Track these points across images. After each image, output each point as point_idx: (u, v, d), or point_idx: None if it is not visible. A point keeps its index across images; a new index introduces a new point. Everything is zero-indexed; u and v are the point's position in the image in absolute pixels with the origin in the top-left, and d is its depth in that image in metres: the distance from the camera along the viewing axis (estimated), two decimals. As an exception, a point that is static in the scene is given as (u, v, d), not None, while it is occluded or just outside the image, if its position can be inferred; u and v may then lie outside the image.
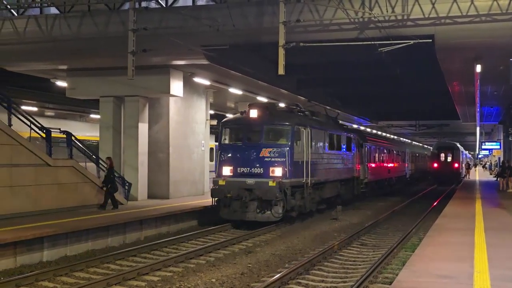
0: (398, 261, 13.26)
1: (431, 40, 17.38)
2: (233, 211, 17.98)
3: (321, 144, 21.76)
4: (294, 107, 21.78)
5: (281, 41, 16.66)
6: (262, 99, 28.64)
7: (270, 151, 18.10)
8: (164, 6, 19.22)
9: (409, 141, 61.07)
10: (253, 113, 18.34)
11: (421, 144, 72.71)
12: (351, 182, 26.74)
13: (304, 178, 19.27)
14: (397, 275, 9.74)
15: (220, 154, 19.08)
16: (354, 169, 26.86)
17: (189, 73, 23.38)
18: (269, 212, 17.81)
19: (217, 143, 23.95)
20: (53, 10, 20.67)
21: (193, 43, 18.69)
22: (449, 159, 48.57)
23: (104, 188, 18.71)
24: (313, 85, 30.99)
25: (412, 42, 17.14)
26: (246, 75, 24.00)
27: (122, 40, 17.30)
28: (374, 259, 13.69)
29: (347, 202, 25.95)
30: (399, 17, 17.02)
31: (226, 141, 19.33)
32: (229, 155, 18.77)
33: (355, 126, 43.42)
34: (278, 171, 17.90)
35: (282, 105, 24.91)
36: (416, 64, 24.86)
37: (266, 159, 18.10)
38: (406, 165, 46.72)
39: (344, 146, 25.34)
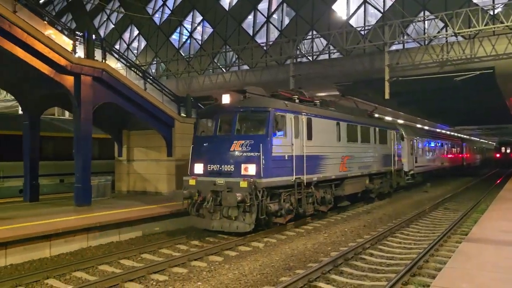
0: (471, 221, 13.59)
1: (492, 70, 19.30)
2: (202, 217, 11.69)
3: (332, 136, 14.72)
4: (293, 93, 14.50)
5: (386, 77, 20.03)
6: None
7: (242, 143, 11.53)
8: (311, 60, 23.57)
9: (467, 136, 55.88)
10: (226, 99, 12.21)
11: (479, 139, 68.40)
12: (389, 174, 20.38)
13: (294, 176, 12.17)
14: (470, 230, 9.96)
15: (192, 149, 12.40)
16: (394, 162, 20.73)
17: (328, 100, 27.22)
18: (238, 221, 11.14)
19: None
20: (245, 67, 26.00)
21: (329, 82, 22.72)
22: (508, 151, 57.00)
23: None
24: (408, 104, 31.44)
25: (478, 72, 19.35)
26: (364, 100, 26.10)
27: (286, 82, 22.04)
28: (454, 218, 14.26)
29: (385, 195, 20.26)
30: (468, 56, 19.42)
31: (199, 134, 12.81)
32: (201, 150, 12.28)
33: (418, 125, 37.37)
34: (251, 169, 11.27)
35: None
36: (481, 86, 23.91)
37: (238, 153, 11.51)
38: (464, 155, 45.29)
39: (375, 139, 18.67)
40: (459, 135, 51.31)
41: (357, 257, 9.58)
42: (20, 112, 21.46)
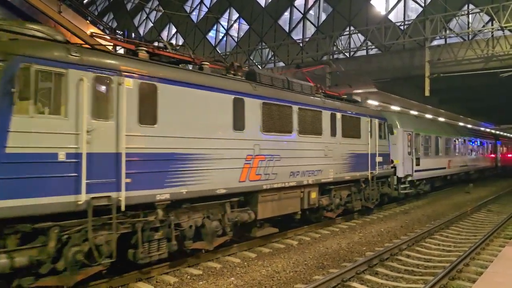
0: None
1: None
2: None
3: (219, 120, 8.68)
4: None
5: (427, 73, 19.39)
6: (413, 112, 28.08)
7: None
8: (348, 56, 23.51)
9: (505, 133, 49.09)
10: None
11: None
12: (367, 183, 14.13)
13: (82, 195, 6.23)
14: None
15: None
16: (372, 165, 14.24)
17: (365, 97, 24.95)
18: None
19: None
20: (281, 64, 26.03)
21: (367, 78, 22.00)
22: None
23: None
24: (450, 101, 30.54)
25: None
26: (402, 97, 25.54)
27: (323, 79, 21.35)
28: (498, 221, 13.71)
29: (360, 211, 14.58)
30: None
31: None
32: None
33: (429, 116, 30.03)
34: None
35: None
36: None
37: None
38: (498, 155, 36.66)
39: (333, 130, 12.23)
40: (492, 131, 42.78)
41: (393, 258, 9.40)
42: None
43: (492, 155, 34.57)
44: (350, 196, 13.68)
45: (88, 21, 14.20)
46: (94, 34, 9.34)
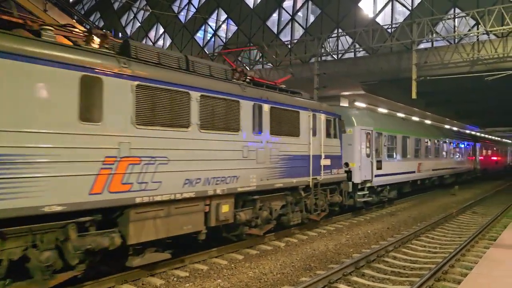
0: (500, 226, 13.20)
1: None
2: None
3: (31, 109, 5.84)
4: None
5: (414, 76, 19.56)
6: (400, 115, 28.20)
7: None
8: (336, 58, 23.60)
9: (485, 135, 46.93)
10: None
11: (503, 140, 58.05)
12: (302, 192, 11.45)
13: None
14: (499, 235, 9.93)
15: None
16: (314, 169, 11.80)
17: (352, 100, 26.20)
18: None
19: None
20: (269, 65, 25.91)
21: (355, 81, 22.50)
22: None
23: None
24: (436, 104, 30.84)
25: (511, 72, 18.61)
26: (389, 99, 26.37)
27: (310, 80, 21.80)
28: (482, 223, 13.75)
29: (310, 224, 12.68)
30: (501, 55, 18.94)
31: None
32: None
33: (400, 114, 28.01)
34: None
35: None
36: None
37: None
38: (476, 158, 33.91)
39: (258, 126, 9.89)
40: (472, 132, 40.93)
41: (379, 259, 9.44)
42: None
43: (470, 158, 31.74)
44: (286, 207, 11.17)
45: (74, 20, 14.03)
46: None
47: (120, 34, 14.06)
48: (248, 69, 25.51)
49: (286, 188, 10.89)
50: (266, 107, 10.18)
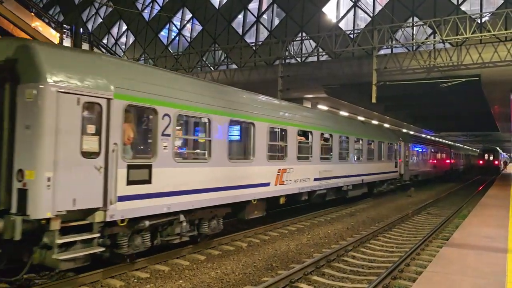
0: (453, 226, 13.60)
1: (478, 78, 19.63)
2: None
3: None
4: None
5: (374, 81, 20.03)
6: (361, 118, 28.96)
7: None
8: (300, 61, 23.65)
9: (435, 138, 45.12)
10: None
11: (457, 144, 57.32)
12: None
13: None
14: (452, 235, 9.99)
15: None
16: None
17: (315, 102, 26.88)
18: None
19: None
20: (234, 66, 25.96)
21: (317, 84, 22.94)
22: (491, 158, 55.34)
23: None
24: (395, 109, 31.82)
25: (464, 80, 19.69)
26: (350, 103, 26.92)
27: (274, 83, 22.02)
28: (436, 223, 14.32)
29: None
30: (455, 63, 19.66)
31: None
32: None
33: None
34: None
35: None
36: (467, 94, 24.70)
37: None
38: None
39: None
40: (401, 130, 35.43)
41: (339, 259, 9.61)
42: None
43: (392, 162, 22.87)
44: None
45: (32, 13, 13.45)
46: None
47: (81, 30, 13.50)
48: (213, 69, 25.42)
49: None
50: None
